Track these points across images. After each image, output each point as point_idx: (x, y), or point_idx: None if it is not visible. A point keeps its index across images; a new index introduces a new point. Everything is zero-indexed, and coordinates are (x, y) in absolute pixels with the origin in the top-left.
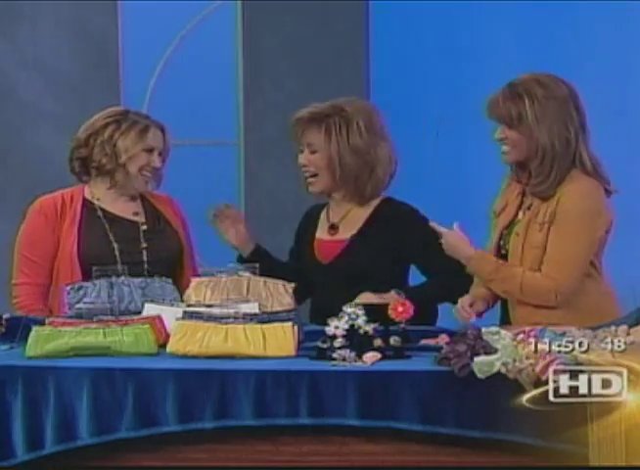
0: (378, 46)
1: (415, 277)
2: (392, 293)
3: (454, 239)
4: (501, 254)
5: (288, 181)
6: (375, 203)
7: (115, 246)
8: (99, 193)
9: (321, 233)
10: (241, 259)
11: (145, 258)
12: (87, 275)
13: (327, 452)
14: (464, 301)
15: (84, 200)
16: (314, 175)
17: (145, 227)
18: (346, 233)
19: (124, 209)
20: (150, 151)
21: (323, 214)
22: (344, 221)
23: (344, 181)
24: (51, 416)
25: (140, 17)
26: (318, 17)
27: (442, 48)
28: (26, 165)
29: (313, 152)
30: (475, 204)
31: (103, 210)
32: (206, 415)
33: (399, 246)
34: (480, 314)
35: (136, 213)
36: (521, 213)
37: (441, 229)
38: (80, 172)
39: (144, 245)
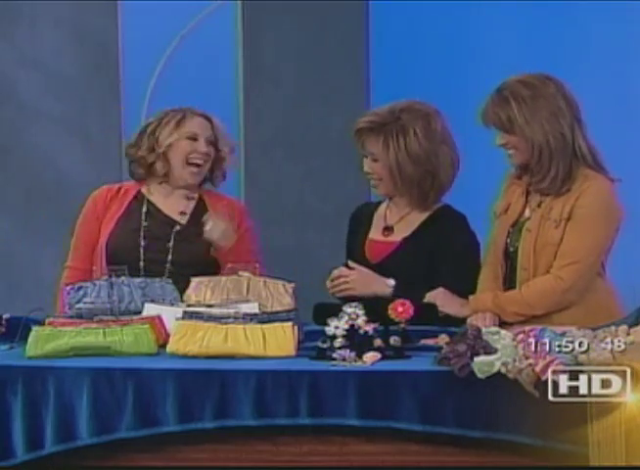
0: (378, 46)
1: None
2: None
3: (442, 298)
4: (509, 252)
5: (288, 181)
6: (433, 208)
7: (142, 242)
8: (155, 190)
9: (374, 233)
10: None
11: (169, 258)
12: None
13: (327, 452)
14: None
15: (138, 193)
16: (378, 180)
17: (178, 228)
18: (399, 235)
19: (173, 206)
20: (193, 139)
21: (379, 214)
22: (400, 223)
23: (406, 189)
24: (51, 416)
25: (140, 17)
26: (318, 17)
27: (442, 48)
28: (26, 165)
29: (375, 160)
30: (474, 204)
31: (150, 204)
32: (206, 415)
33: (441, 252)
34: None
35: (182, 213)
36: (528, 211)
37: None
38: (138, 174)
39: (171, 245)
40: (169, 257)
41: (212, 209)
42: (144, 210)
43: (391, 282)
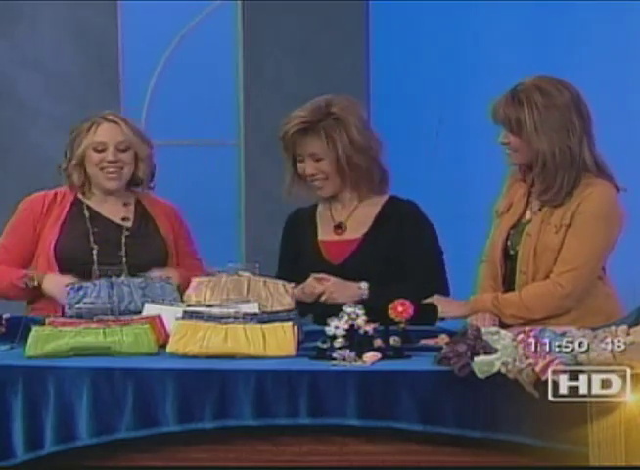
0: (378, 46)
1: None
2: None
3: (439, 302)
4: (508, 254)
5: None
6: (381, 201)
7: (95, 247)
8: (91, 196)
9: (325, 234)
10: None
11: (124, 264)
12: (65, 274)
13: (327, 452)
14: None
15: (75, 199)
16: (324, 180)
17: (128, 233)
18: (356, 233)
19: (114, 212)
20: (101, 149)
21: (321, 215)
22: (351, 220)
23: (357, 180)
24: (51, 416)
25: (140, 17)
26: (318, 17)
27: (442, 48)
28: (26, 165)
29: (318, 160)
30: (474, 204)
31: (91, 210)
32: (206, 415)
33: (403, 244)
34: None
35: (125, 219)
36: (529, 214)
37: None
38: (67, 184)
39: (124, 250)
40: (124, 261)
41: (152, 211)
42: (86, 215)
43: (364, 285)
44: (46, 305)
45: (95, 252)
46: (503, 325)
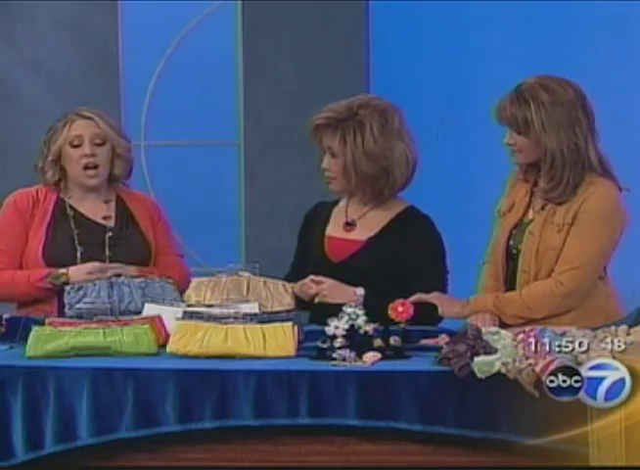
0: (378, 46)
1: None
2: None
3: (441, 300)
4: (511, 253)
5: (288, 180)
6: (398, 208)
7: (79, 249)
8: (72, 194)
9: (334, 230)
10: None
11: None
12: None
13: (327, 452)
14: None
15: (58, 198)
16: (333, 178)
17: (111, 234)
18: (364, 234)
19: (95, 211)
20: (77, 144)
21: (337, 211)
22: (363, 220)
23: (361, 186)
24: (51, 416)
25: (140, 17)
26: (318, 16)
27: (442, 48)
28: (26, 165)
29: (333, 156)
30: (475, 204)
31: (73, 209)
32: (206, 415)
33: (408, 257)
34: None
35: (106, 217)
36: (531, 213)
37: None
38: (43, 181)
39: (108, 252)
40: (109, 261)
41: (131, 207)
42: (70, 215)
43: (360, 291)
44: (36, 308)
45: (79, 254)
46: (503, 325)
